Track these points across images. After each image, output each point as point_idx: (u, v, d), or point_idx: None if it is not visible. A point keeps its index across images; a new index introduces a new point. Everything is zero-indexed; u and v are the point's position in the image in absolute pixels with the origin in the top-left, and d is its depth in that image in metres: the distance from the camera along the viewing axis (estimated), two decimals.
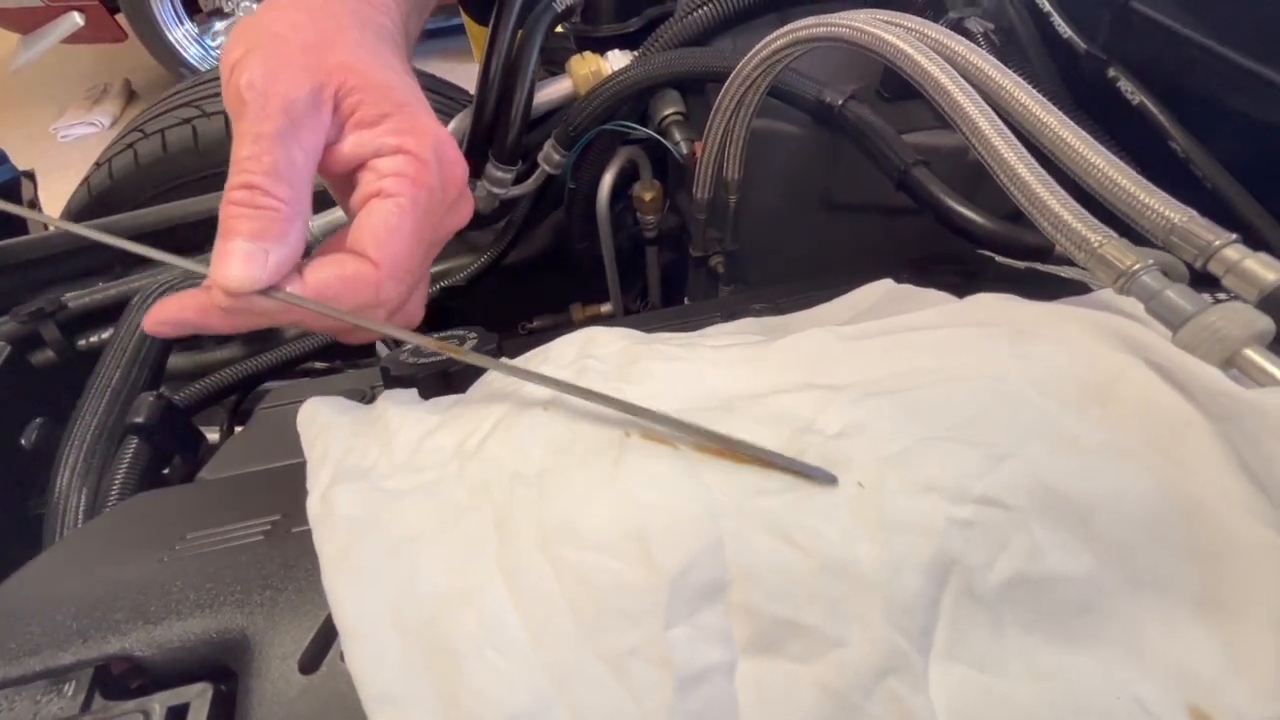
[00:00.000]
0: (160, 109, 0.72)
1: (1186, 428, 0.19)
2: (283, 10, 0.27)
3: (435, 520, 0.18)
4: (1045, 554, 0.17)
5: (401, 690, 0.15)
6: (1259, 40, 0.30)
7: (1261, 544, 0.17)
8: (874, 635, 0.16)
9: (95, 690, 0.17)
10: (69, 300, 0.47)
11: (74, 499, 0.31)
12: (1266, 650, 0.16)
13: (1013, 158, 0.26)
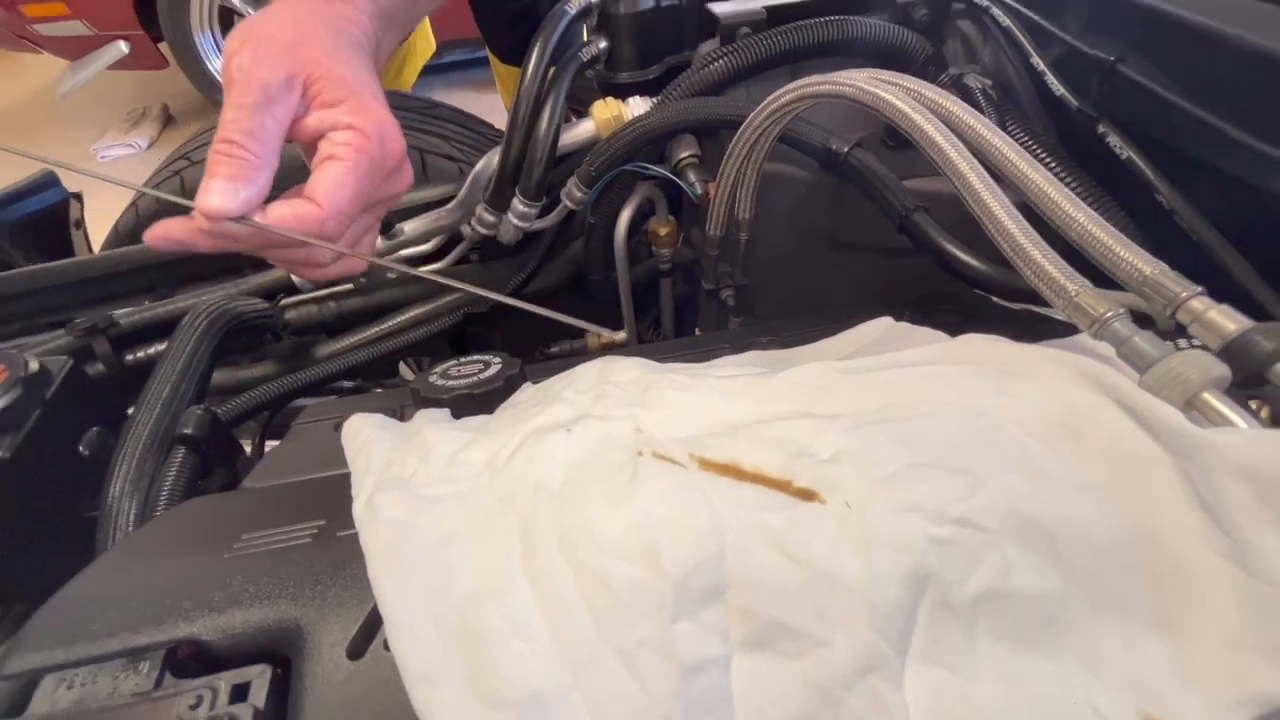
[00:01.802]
0: (205, 139, 0.77)
1: (1150, 463, 0.21)
2: (274, 16, 0.35)
3: (467, 525, 0.21)
4: (1015, 572, 0.19)
5: (437, 671, 0.17)
6: (1233, 105, 0.33)
7: (1213, 570, 0.19)
8: (856, 638, 0.18)
9: (166, 669, 0.19)
10: (119, 317, 0.51)
11: (126, 504, 0.34)
12: (1215, 666, 0.18)
13: (999, 209, 0.29)
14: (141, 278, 0.57)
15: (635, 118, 0.48)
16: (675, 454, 0.22)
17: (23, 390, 0.34)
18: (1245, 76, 0.32)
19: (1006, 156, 0.30)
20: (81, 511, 0.37)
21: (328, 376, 0.51)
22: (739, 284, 0.52)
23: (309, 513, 0.25)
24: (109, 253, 0.58)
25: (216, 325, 0.43)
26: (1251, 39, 0.31)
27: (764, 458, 0.22)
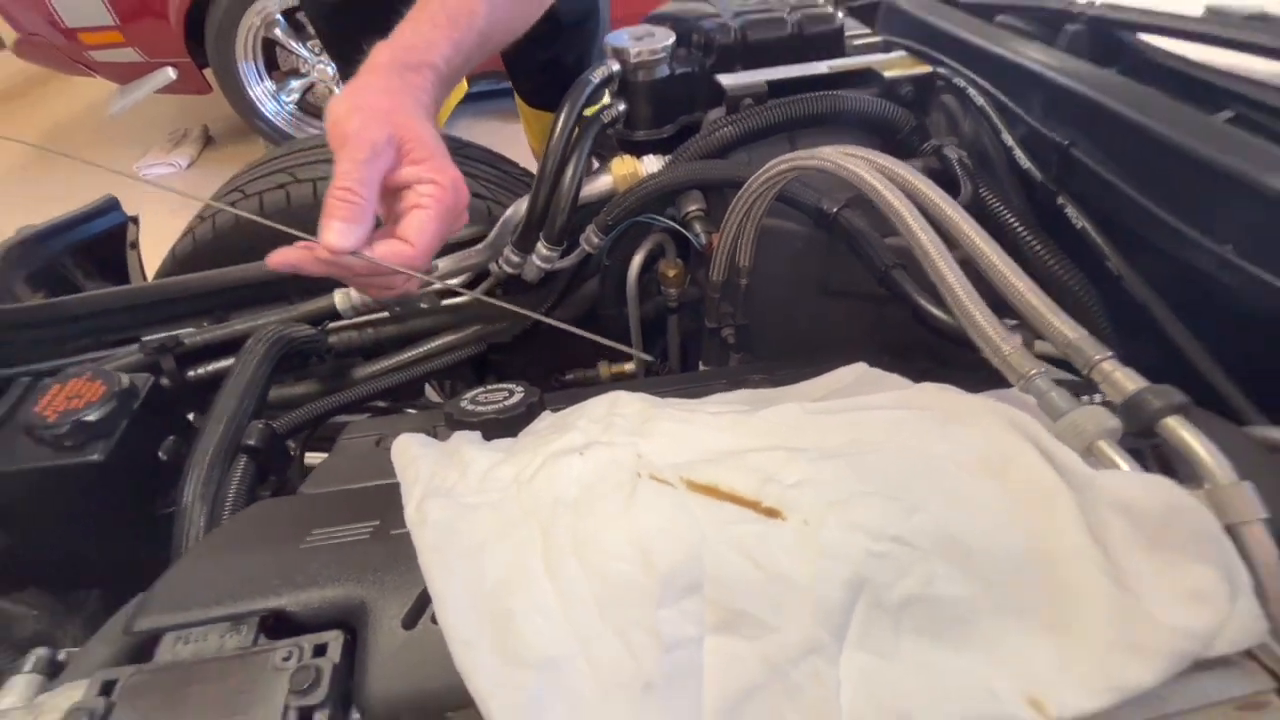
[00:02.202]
0: (258, 173, 0.84)
1: (1055, 498, 0.26)
2: (371, 88, 0.43)
3: (499, 529, 0.26)
4: (936, 582, 0.24)
5: (475, 638, 0.22)
6: (1158, 189, 0.38)
7: (1094, 586, 0.24)
8: (803, 627, 0.23)
9: (261, 632, 0.24)
10: (184, 338, 0.57)
11: (199, 504, 0.39)
12: (1090, 662, 0.23)
13: (948, 273, 0.34)
14: (201, 302, 0.63)
15: (649, 175, 0.54)
16: (668, 476, 0.27)
17: (116, 403, 0.40)
18: (1167, 165, 0.37)
19: (959, 226, 0.35)
20: (156, 509, 0.42)
21: (366, 396, 0.56)
22: (739, 324, 0.57)
23: (363, 515, 0.30)
24: (175, 279, 0.64)
25: (274, 348, 0.49)
26: (1173, 135, 0.36)
27: (739, 481, 0.27)
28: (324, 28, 0.98)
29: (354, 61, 1.00)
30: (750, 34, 0.59)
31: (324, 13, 0.95)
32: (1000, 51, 0.50)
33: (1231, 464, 0.25)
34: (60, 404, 0.39)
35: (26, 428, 0.39)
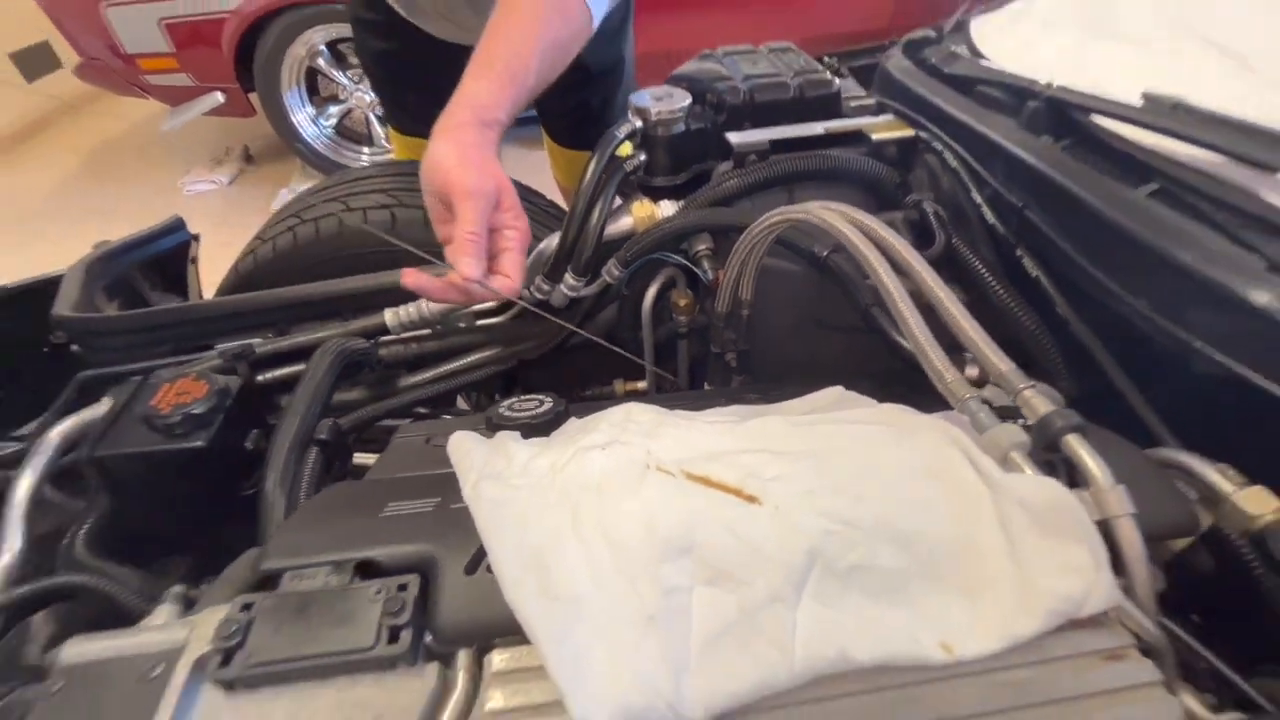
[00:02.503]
0: (313, 200, 0.93)
1: (975, 496, 0.33)
2: (467, 144, 0.52)
3: (537, 504, 0.33)
4: (876, 556, 0.31)
5: (521, 581, 0.29)
6: (1094, 253, 0.45)
7: (998, 563, 0.30)
8: (770, 583, 0.30)
9: (356, 574, 0.32)
10: (256, 346, 0.65)
11: (278, 488, 0.47)
12: (991, 619, 0.29)
13: (907, 313, 0.41)
14: (267, 316, 0.72)
15: (664, 218, 0.62)
16: (670, 468, 0.34)
17: (215, 400, 0.48)
18: (1097, 231, 0.45)
19: (919, 273, 0.42)
20: (240, 490, 0.50)
21: (412, 402, 0.64)
22: (741, 349, 0.65)
23: (425, 494, 0.38)
24: (245, 296, 0.73)
25: (338, 358, 0.57)
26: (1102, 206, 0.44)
27: (727, 475, 0.34)
28: (375, 70, 1.08)
29: (399, 101, 1.09)
30: (757, 96, 0.68)
31: (375, 58, 1.05)
32: (970, 121, 0.58)
33: (1112, 472, 0.32)
34: (171, 398, 0.47)
35: (144, 417, 0.47)
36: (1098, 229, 0.44)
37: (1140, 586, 0.30)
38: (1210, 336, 0.38)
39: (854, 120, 0.66)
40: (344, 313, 0.74)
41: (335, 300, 0.73)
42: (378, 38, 1.01)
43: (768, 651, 0.28)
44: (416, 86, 1.06)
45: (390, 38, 1.00)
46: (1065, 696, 0.28)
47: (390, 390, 0.68)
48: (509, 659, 0.29)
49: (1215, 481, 0.35)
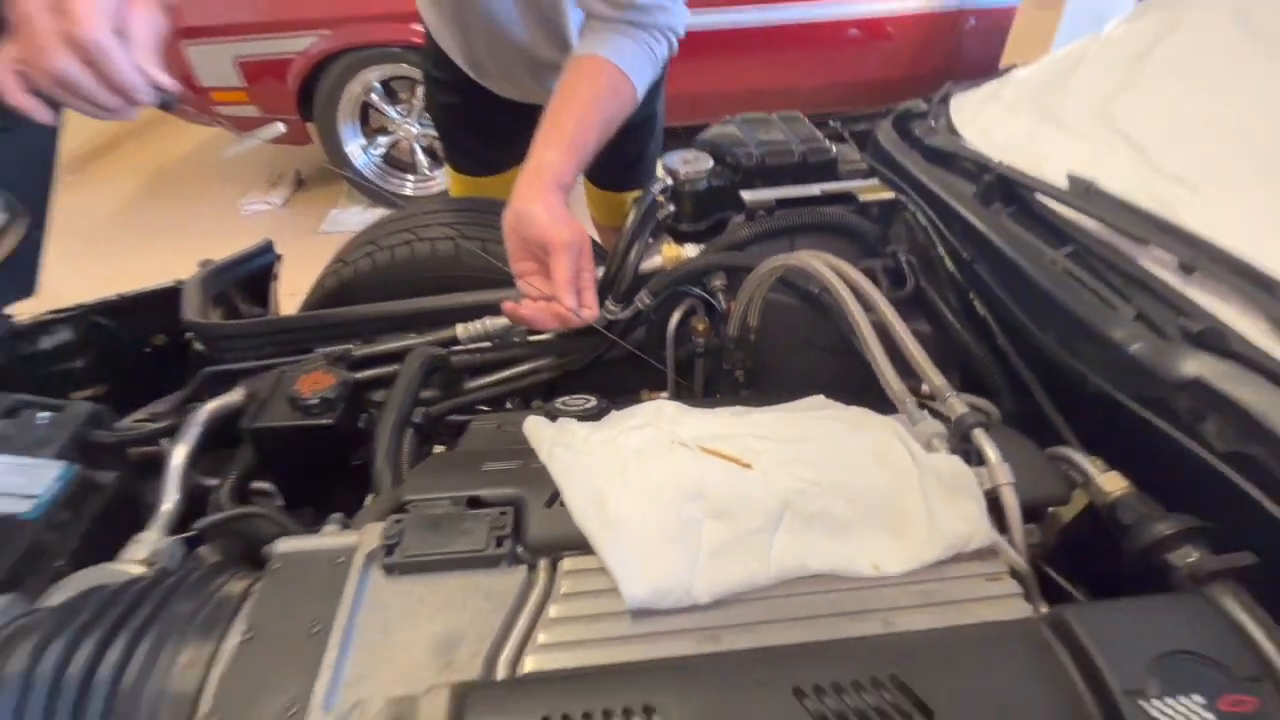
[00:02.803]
0: (388, 230, 1.09)
1: (906, 470, 0.46)
2: (554, 203, 0.67)
3: (596, 463, 0.47)
4: (831, 506, 0.44)
5: (586, 511, 0.43)
6: (1019, 299, 0.59)
7: (917, 515, 0.44)
8: (755, 520, 0.43)
9: (466, 505, 0.46)
10: (353, 350, 0.80)
11: (386, 458, 0.61)
12: (908, 550, 0.42)
13: (871, 341, 0.55)
14: (357, 327, 0.87)
15: (688, 259, 0.76)
16: (689, 444, 0.48)
17: (341, 388, 0.63)
18: (1022, 282, 0.58)
19: (881, 310, 0.56)
20: (353, 460, 0.65)
21: (474, 401, 0.79)
22: (747, 367, 0.78)
23: (508, 459, 0.52)
24: (342, 310, 0.88)
25: (425, 362, 0.72)
26: (1024, 263, 0.57)
27: (729, 448, 0.47)
28: (440, 119, 1.25)
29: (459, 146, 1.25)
30: (767, 160, 0.82)
31: (442, 109, 1.22)
32: (938, 190, 0.72)
33: (1002, 455, 0.45)
34: (310, 385, 0.62)
35: (290, 399, 0.61)
36: (1022, 281, 0.58)
37: (1015, 534, 0.43)
38: (1093, 365, 0.51)
39: (846, 183, 0.80)
40: (419, 326, 0.89)
41: (413, 316, 0.88)
42: (446, 93, 1.18)
43: (752, 562, 0.42)
44: (476, 134, 1.23)
45: (456, 93, 1.17)
46: (954, 600, 0.41)
47: (458, 391, 0.83)
48: (574, 564, 0.43)
49: (1086, 468, 0.48)
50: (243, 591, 0.43)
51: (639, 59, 0.79)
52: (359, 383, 0.77)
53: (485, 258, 1.01)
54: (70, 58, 0.49)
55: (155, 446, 0.75)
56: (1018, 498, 0.44)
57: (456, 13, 1.00)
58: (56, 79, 0.50)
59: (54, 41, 0.49)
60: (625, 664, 0.37)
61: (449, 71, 1.13)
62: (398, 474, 0.61)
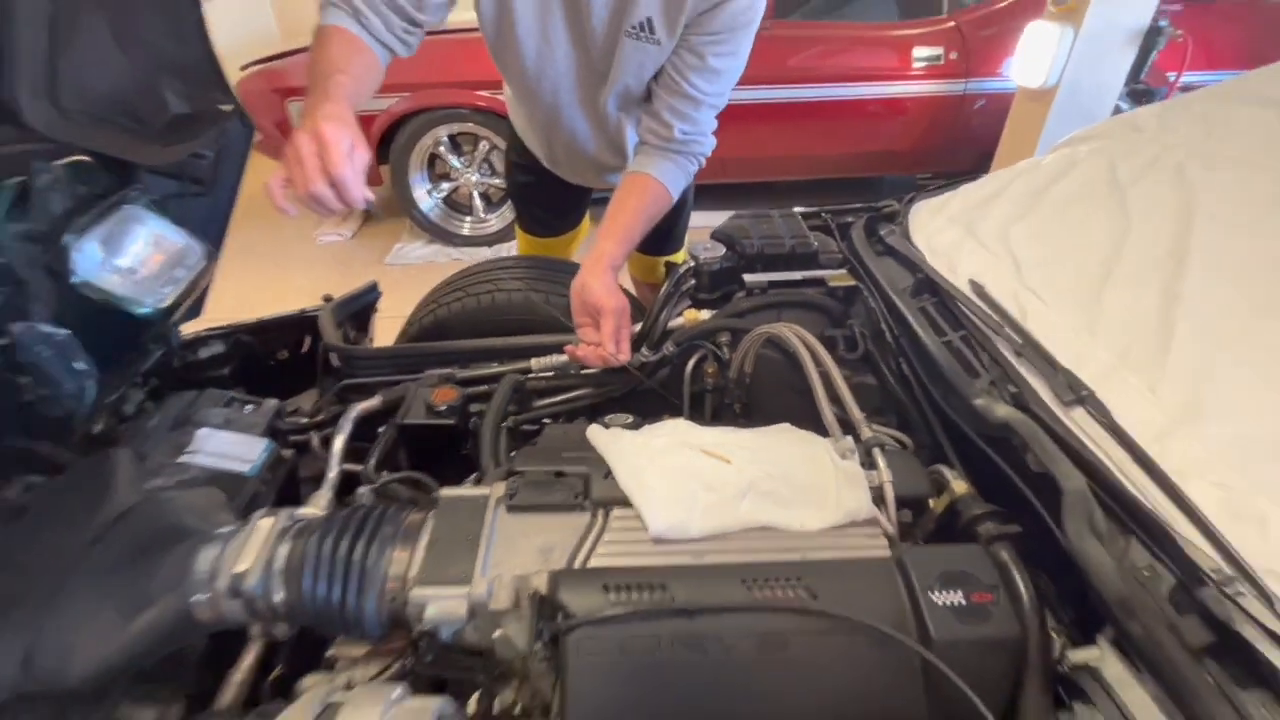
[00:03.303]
0: (475, 279, 1.40)
1: (827, 469, 0.74)
2: (609, 280, 0.97)
3: (635, 455, 0.76)
4: (779, 489, 0.72)
5: (630, 481, 0.72)
6: (923, 367, 0.86)
7: (830, 497, 0.71)
8: (731, 492, 0.71)
9: (554, 476, 0.74)
10: (455, 373, 1.10)
11: (489, 452, 0.91)
12: (823, 517, 0.70)
13: (819, 390, 0.83)
14: (455, 357, 1.17)
15: (703, 321, 1.05)
16: (695, 447, 0.77)
17: (461, 401, 0.93)
18: (925, 356, 0.86)
19: (829, 369, 0.84)
20: (460, 449, 0.94)
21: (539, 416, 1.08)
22: (744, 402, 1.06)
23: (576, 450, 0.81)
24: (445, 344, 1.19)
25: (512, 384, 1.02)
26: (927, 341, 0.85)
27: (719, 451, 0.76)
28: (517, 193, 1.58)
29: (531, 215, 1.59)
30: (765, 250, 1.12)
31: (519, 186, 1.55)
32: (884, 283, 1.00)
33: (890, 465, 0.72)
34: (441, 397, 0.92)
35: (427, 405, 0.91)
36: (926, 354, 0.86)
37: (890, 511, 0.70)
38: (959, 413, 0.79)
39: (822, 272, 1.09)
40: (500, 358, 1.20)
41: (497, 351, 1.18)
42: (524, 174, 1.51)
43: (727, 516, 0.69)
44: (544, 207, 1.55)
45: (533, 175, 1.49)
46: (846, 546, 0.68)
47: (529, 407, 1.12)
48: (620, 512, 0.71)
49: (948, 478, 0.75)
50: (421, 520, 0.72)
51: (676, 175, 1.10)
52: (467, 397, 1.08)
53: (549, 309, 1.32)
54: (325, 185, 0.80)
55: (305, 435, 1.06)
56: (894, 492, 0.71)
57: (544, 128, 1.32)
58: (313, 196, 0.81)
59: (316, 175, 0.80)
60: (648, 565, 0.65)
61: (528, 159, 1.46)
62: (496, 459, 0.90)
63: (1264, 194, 0.80)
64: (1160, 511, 0.57)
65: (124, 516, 0.72)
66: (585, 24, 1.05)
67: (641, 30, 1.02)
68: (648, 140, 1.11)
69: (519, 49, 1.08)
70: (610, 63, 1.09)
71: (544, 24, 1.05)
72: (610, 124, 1.24)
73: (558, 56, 1.10)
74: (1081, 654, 0.56)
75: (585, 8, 1.03)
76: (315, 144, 0.78)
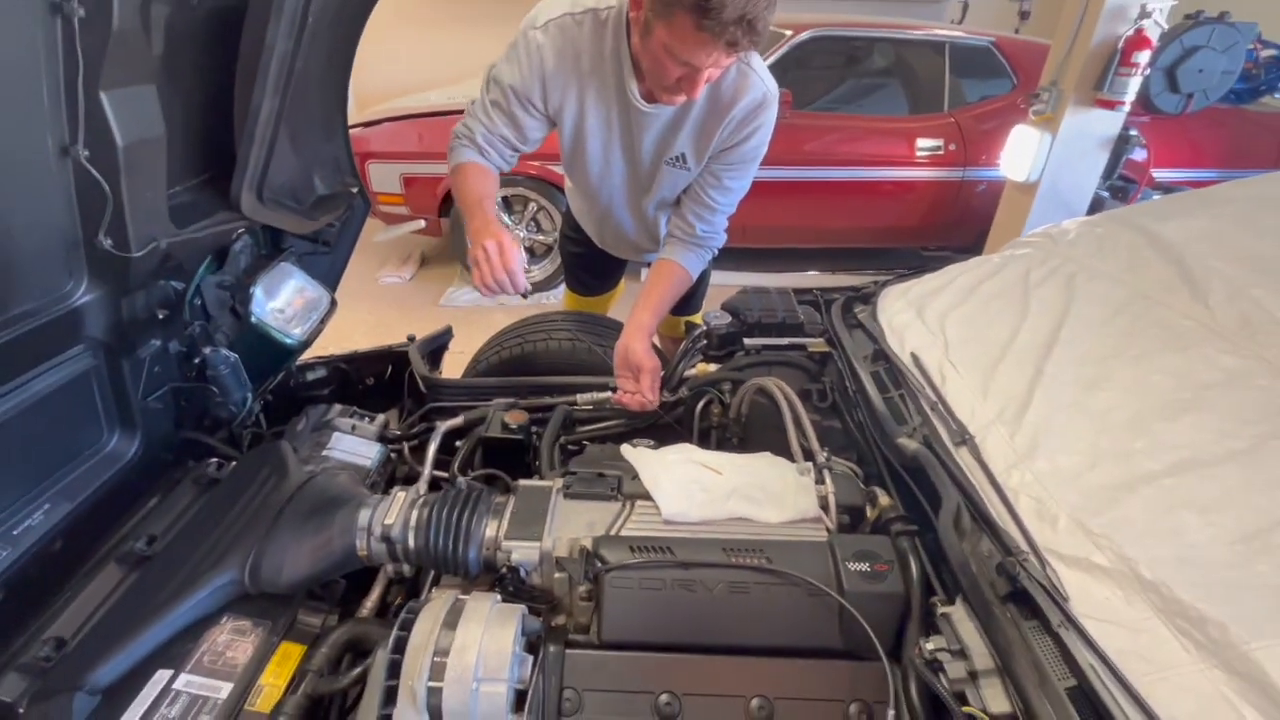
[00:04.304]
0: (532, 328, 1.75)
1: (788, 484, 1.04)
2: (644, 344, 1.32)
3: (654, 465, 1.07)
4: (753, 493, 1.03)
5: (652, 481, 1.03)
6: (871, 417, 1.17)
7: (789, 501, 1.01)
8: (721, 493, 1.02)
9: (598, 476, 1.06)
10: (518, 402, 1.43)
11: (549, 465, 1.23)
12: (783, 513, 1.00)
13: (792, 430, 1.14)
14: (515, 391, 1.51)
15: (711, 372, 1.38)
16: (696, 462, 1.08)
17: (528, 421, 1.26)
18: (871, 407, 1.16)
19: (799, 415, 1.15)
20: (525, 459, 1.27)
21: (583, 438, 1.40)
22: (740, 437, 1.37)
23: (613, 459, 1.13)
24: (508, 379, 1.52)
25: (563, 414, 1.34)
26: (876, 401, 1.16)
27: (713, 464, 1.07)
28: (568, 261, 1.94)
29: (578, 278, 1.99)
30: (762, 319, 1.45)
31: (570, 256, 1.91)
32: (850, 352, 1.32)
33: (835, 483, 1.03)
34: (515, 418, 1.24)
35: (503, 424, 1.24)
36: (871, 406, 1.17)
37: (831, 513, 1.00)
38: (891, 450, 1.09)
39: (805, 339, 1.42)
40: (552, 393, 1.53)
41: (550, 387, 1.51)
42: (575, 245, 1.87)
43: (717, 509, 1.00)
44: (589, 272, 1.92)
45: (583, 247, 1.86)
46: (796, 534, 0.97)
47: (574, 432, 1.45)
48: (643, 504, 1.02)
49: (879, 495, 1.04)
50: (505, 500, 1.03)
51: (695, 262, 1.45)
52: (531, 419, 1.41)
53: (595, 353, 1.66)
54: (503, 279, 1.17)
55: (400, 445, 1.40)
56: (835, 500, 1.01)
57: (599, 220, 1.69)
58: (489, 287, 1.19)
59: (498, 271, 1.17)
60: (660, 536, 0.95)
61: (581, 236, 1.83)
62: (551, 466, 1.22)
63: (1116, 301, 1.11)
64: (999, 515, 0.87)
65: (303, 485, 1.05)
66: (637, 156, 1.42)
67: (677, 161, 1.39)
68: (675, 234, 1.46)
69: (587, 167, 1.45)
70: (653, 182, 1.46)
71: (607, 153, 1.43)
72: (649, 220, 1.60)
73: (614, 174, 1.47)
74: (945, 608, 0.85)
75: (638, 146, 1.40)
76: (497, 250, 1.15)
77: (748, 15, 1.00)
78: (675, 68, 1.12)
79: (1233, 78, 2.85)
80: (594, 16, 1.23)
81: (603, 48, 1.25)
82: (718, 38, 1.03)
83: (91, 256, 0.95)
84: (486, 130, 1.35)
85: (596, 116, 1.35)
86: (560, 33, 1.25)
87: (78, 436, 1.06)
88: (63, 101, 0.82)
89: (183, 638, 0.87)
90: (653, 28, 1.09)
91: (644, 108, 1.31)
